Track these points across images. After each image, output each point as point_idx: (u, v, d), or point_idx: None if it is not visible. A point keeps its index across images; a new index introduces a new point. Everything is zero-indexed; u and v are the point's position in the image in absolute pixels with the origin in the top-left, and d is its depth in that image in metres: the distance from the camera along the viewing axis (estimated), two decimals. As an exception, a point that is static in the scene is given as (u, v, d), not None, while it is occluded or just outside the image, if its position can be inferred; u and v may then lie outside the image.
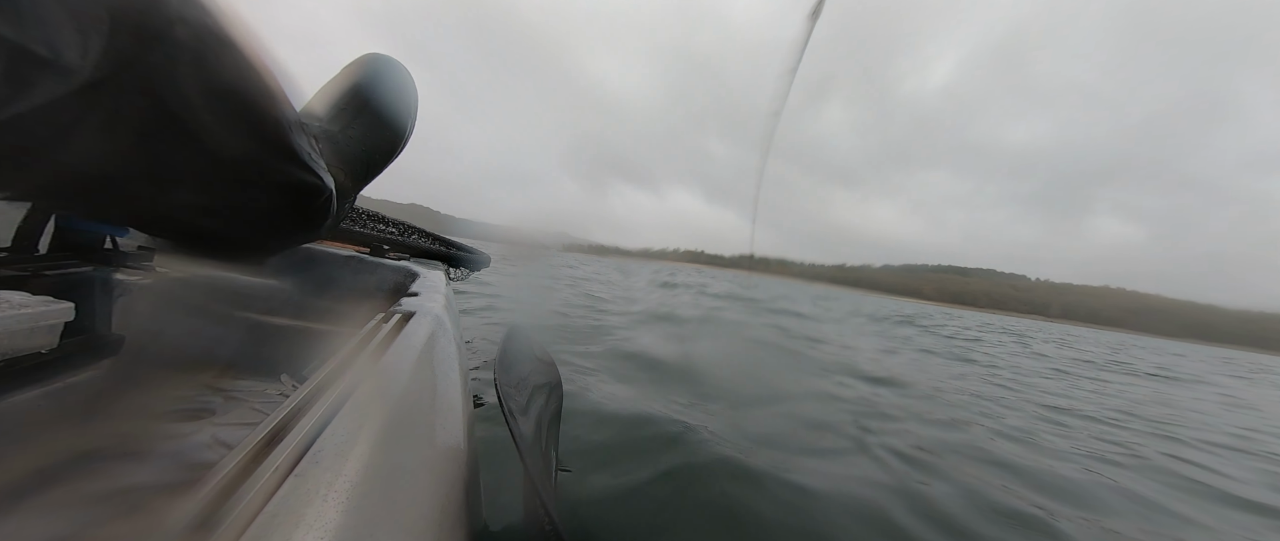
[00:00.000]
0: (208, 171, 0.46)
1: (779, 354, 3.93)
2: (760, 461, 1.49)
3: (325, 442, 0.35)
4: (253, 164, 0.50)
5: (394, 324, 0.73)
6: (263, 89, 0.47)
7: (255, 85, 0.46)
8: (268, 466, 0.32)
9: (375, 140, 0.75)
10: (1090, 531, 1.45)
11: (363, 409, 0.42)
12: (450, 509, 0.48)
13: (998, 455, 2.00)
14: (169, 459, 0.58)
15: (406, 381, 0.53)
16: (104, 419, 0.66)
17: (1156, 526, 1.59)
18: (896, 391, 3.04)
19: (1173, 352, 21.59)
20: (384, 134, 0.77)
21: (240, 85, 0.45)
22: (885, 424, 2.19)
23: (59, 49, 0.32)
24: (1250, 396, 6.12)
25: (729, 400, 2.22)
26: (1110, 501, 1.72)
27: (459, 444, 0.58)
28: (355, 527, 0.29)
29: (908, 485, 1.54)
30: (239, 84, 0.44)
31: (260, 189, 0.52)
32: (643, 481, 1.35)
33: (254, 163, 0.50)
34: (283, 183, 0.54)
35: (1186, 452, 2.59)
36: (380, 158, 0.77)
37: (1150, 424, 3.27)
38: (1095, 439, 2.62)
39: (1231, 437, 3.20)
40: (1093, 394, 4.39)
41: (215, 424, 0.82)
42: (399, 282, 1.35)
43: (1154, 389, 5.58)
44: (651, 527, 1.20)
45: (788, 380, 2.95)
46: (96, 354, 0.74)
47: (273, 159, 0.51)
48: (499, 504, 1.18)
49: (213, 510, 0.27)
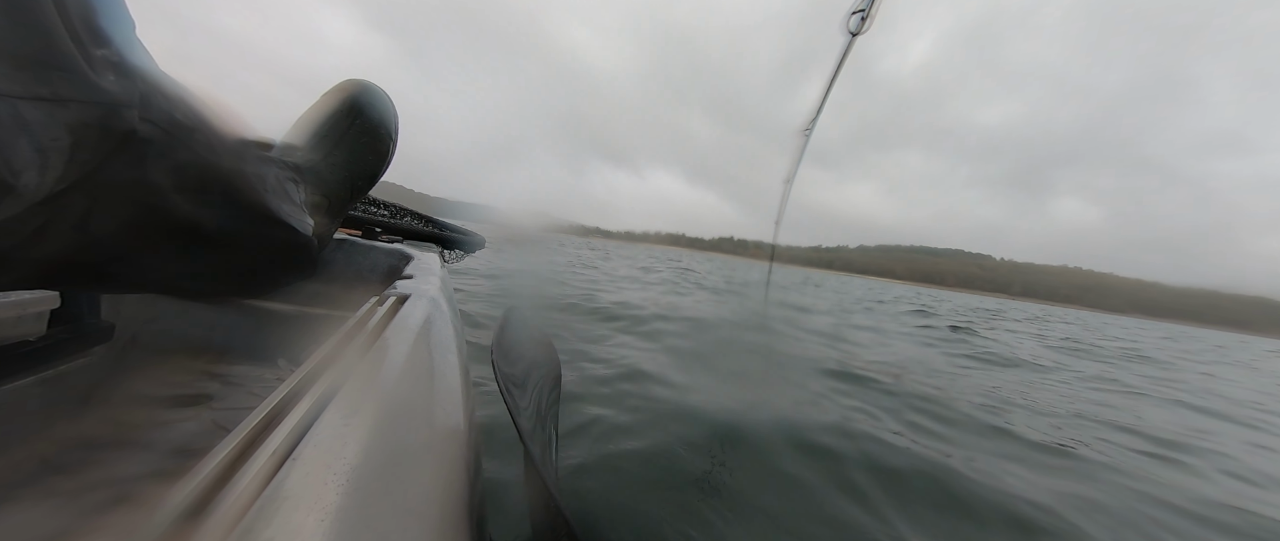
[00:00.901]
0: (188, 246, 0.47)
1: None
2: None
3: (323, 425, 0.35)
4: (234, 235, 0.50)
5: (389, 307, 0.72)
6: (236, 163, 0.47)
7: (228, 162, 0.46)
8: (265, 449, 0.31)
9: (358, 166, 0.77)
10: None
11: (360, 391, 0.42)
12: (452, 489, 0.48)
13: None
14: (167, 445, 0.58)
15: (403, 363, 0.52)
16: (99, 406, 0.66)
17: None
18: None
19: (1122, 326, 22.77)
20: (366, 159, 0.78)
21: (213, 163, 0.45)
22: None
23: (17, 171, 0.31)
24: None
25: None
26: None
27: (458, 425, 0.58)
28: (356, 508, 0.29)
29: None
30: (212, 162, 0.44)
31: (243, 252, 0.54)
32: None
33: (235, 234, 0.50)
34: (266, 246, 0.56)
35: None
36: (363, 182, 0.79)
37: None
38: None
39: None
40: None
41: (214, 409, 0.82)
42: (393, 266, 1.34)
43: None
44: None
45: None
46: (87, 341, 0.73)
47: (254, 226, 0.52)
48: (500, 484, 1.19)
49: (209, 494, 0.27)
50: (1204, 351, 11.82)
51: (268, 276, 0.62)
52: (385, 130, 0.81)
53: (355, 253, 1.38)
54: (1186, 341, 17.78)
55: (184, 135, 0.41)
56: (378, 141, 0.79)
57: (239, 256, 0.54)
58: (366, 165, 0.78)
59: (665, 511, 1.19)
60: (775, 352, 3.38)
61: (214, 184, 0.46)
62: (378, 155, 0.80)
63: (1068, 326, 14.38)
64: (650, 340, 3.19)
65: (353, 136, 0.76)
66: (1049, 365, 4.75)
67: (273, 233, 0.55)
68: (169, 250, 0.45)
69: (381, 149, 0.81)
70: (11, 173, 0.31)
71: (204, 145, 0.43)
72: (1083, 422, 2.59)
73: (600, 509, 1.18)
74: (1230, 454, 2.37)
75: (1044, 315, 26.74)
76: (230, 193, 0.48)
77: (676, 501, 1.24)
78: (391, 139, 0.83)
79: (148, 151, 0.38)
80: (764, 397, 2.16)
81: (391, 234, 1.66)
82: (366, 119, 0.78)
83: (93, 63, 0.34)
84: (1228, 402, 3.97)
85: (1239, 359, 10.43)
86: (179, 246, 0.46)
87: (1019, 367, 4.32)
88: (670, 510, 1.19)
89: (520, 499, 1.12)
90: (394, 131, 0.83)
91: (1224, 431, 2.93)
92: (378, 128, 0.79)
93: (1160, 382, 4.64)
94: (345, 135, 0.75)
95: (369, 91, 0.80)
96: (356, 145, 0.77)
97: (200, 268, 0.51)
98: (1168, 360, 7.25)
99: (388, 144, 0.82)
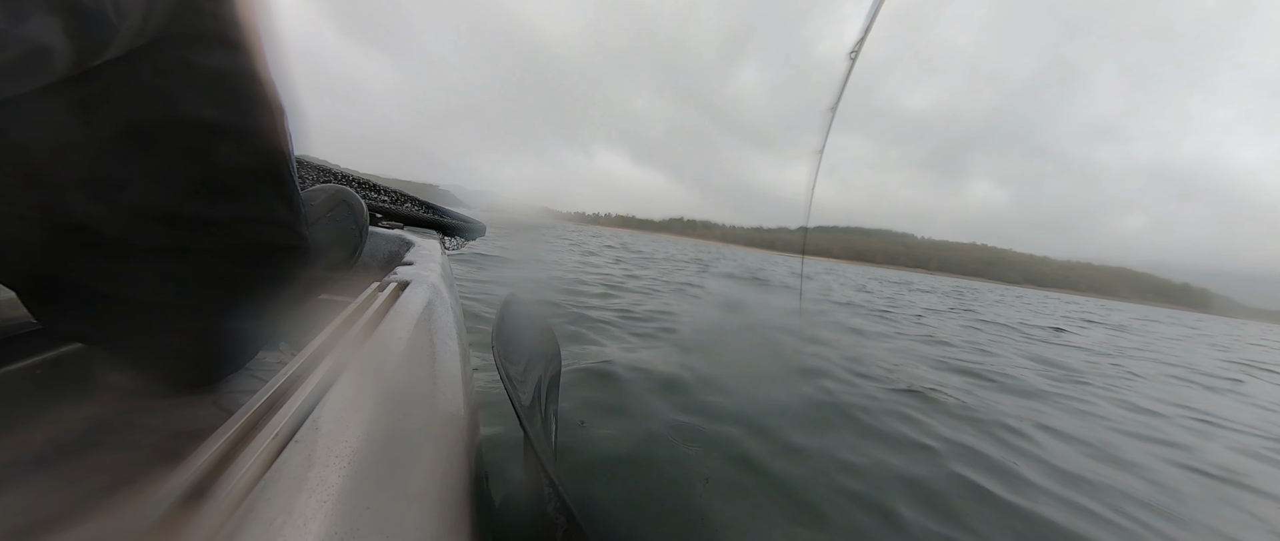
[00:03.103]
0: (194, 201, 0.44)
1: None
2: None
3: (325, 408, 0.35)
4: (233, 190, 0.46)
5: (390, 293, 0.72)
6: (269, 97, 0.46)
7: (263, 93, 0.45)
8: (267, 433, 0.31)
9: (327, 249, 0.83)
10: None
11: (362, 376, 0.42)
12: (452, 472, 0.49)
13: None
14: (169, 429, 0.58)
15: (404, 349, 0.52)
16: (101, 390, 0.66)
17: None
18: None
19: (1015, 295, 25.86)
20: (334, 246, 0.86)
21: (251, 89, 0.44)
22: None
23: (124, 12, 0.32)
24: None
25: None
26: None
27: (458, 409, 0.59)
28: (357, 491, 0.29)
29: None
30: (251, 88, 0.44)
31: (235, 237, 0.48)
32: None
33: (235, 189, 0.47)
34: (261, 230, 0.50)
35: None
36: (327, 268, 0.85)
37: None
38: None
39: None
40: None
41: (215, 392, 0.82)
42: (393, 252, 1.33)
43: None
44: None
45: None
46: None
47: (257, 185, 0.49)
48: (501, 468, 1.20)
49: (211, 477, 0.27)
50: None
51: (253, 276, 0.55)
52: (356, 226, 0.91)
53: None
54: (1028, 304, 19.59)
55: (235, 42, 0.41)
56: (348, 234, 0.89)
57: (228, 244, 0.48)
58: (334, 252, 0.87)
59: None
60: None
61: (239, 104, 0.44)
62: (346, 245, 0.89)
63: (926, 295, 15.01)
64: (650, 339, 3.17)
65: (330, 222, 0.85)
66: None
67: (272, 208, 0.51)
68: (158, 231, 0.42)
69: (350, 242, 0.90)
70: (118, 14, 0.31)
71: (249, 68, 0.43)
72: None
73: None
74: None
75: (938, 286, 31.24)
76: (249, 127, 0.45)
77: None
78: (360, 235, 0.93)
79: (199, 43, 0.38)
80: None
81: (392, 220, 1.65)
82: (342, 212, 0.88)
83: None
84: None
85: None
86: (176, 186, 0.43)
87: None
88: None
89: (520, 481, 1.13)
90: (364, 231, 0.93)
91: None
92: (350, 221, 0.90)
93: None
94: (322, 219, 0.84)
95: (348, 194, 0.91)
96: (331, 230, 0.85)
97: (185, 265, 0.46)
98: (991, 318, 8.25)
99: (357, 240, 0.92)
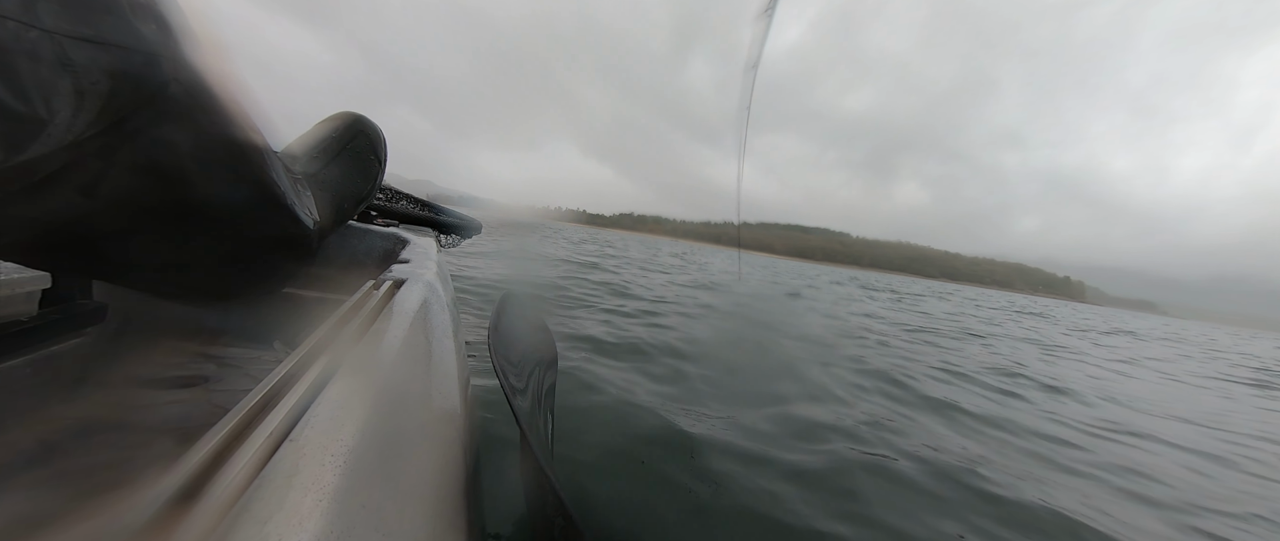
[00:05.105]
0: (193, 224, 0.48)
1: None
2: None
3: (320, 407, 0.35)
4: (239, 213, 0.51)
5: (386, 291, 0.72)
6: (250, 143, 0.48)
7: (242, 139, 0.47)
8: (262, 431, 0.31)
9: (347, 186, 0.84)
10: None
11: (357, 374, 0.42)
12: (448, 470, 0.49)
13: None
14: (164, 427, 0.58)
15: (400, 347, 0.52)
16: (94, 387, 0.66)
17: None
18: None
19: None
20: (356, 179, 0.87)
21: (229, 140, 0.46)
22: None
23: (54, 109, 0.31)
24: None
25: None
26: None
27: (455, 407, 0.59)
28: (353, 489, 0.29)
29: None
30: (228, 139, 0.45)
31: (243, 238, 0.55)
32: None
33: (240, 212, 0.51)
34: (269, 234, 0.57)
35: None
36: (350, 204, 0.87)
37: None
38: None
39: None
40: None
41: (211, 390, 0.82)
42: (389, 250, 1.33)
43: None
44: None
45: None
46: (78, 322, 0.72)
47: (259, 209, 0.53)
48: (497, 466, 1.20)
49: (206, 474, 0.27)
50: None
51: (263, 268, 0.62)
52: (376, 155, 0.91)
53: (351, 236, 1.37)
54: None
55: (207, 102, 0.42)
56: (368, 165, 0.90)
57: (238, 243, 0.54)
58: (356, 185, 0.88)
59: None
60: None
61: (228, 156, 0.46)
62: (367, 177, 0.90)
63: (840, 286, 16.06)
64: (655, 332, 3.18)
65: (348, 155, 0.85)
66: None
67: (276, 217, 0.55)
68: (169, 228, 0.45)
69: (371, 172, 0.91)
70: (48, 110, 0.31)
71: (224, 117, 0.44)
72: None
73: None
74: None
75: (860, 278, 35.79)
76: (243, 167, 0.49)
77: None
78: (380, 164, 0.93)
79: (172, 111, 0.39)
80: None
81: (387, 218, 1.65)
82: (361, 142, 0.88)
83: (135, 9, 0.34)
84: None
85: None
86: (179, 225, 0.46)
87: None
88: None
89: (516, 480, 1.13)
90: (383, 158, 0.93)
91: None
92: (369, 151, 0.89)
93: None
94: (341, 153, 0.84)
95: (365, 121, 0.90)
96: (350, 164, 0.86)
97: (198, 253, 0.50)
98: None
99: (377, 168, 0.92)
